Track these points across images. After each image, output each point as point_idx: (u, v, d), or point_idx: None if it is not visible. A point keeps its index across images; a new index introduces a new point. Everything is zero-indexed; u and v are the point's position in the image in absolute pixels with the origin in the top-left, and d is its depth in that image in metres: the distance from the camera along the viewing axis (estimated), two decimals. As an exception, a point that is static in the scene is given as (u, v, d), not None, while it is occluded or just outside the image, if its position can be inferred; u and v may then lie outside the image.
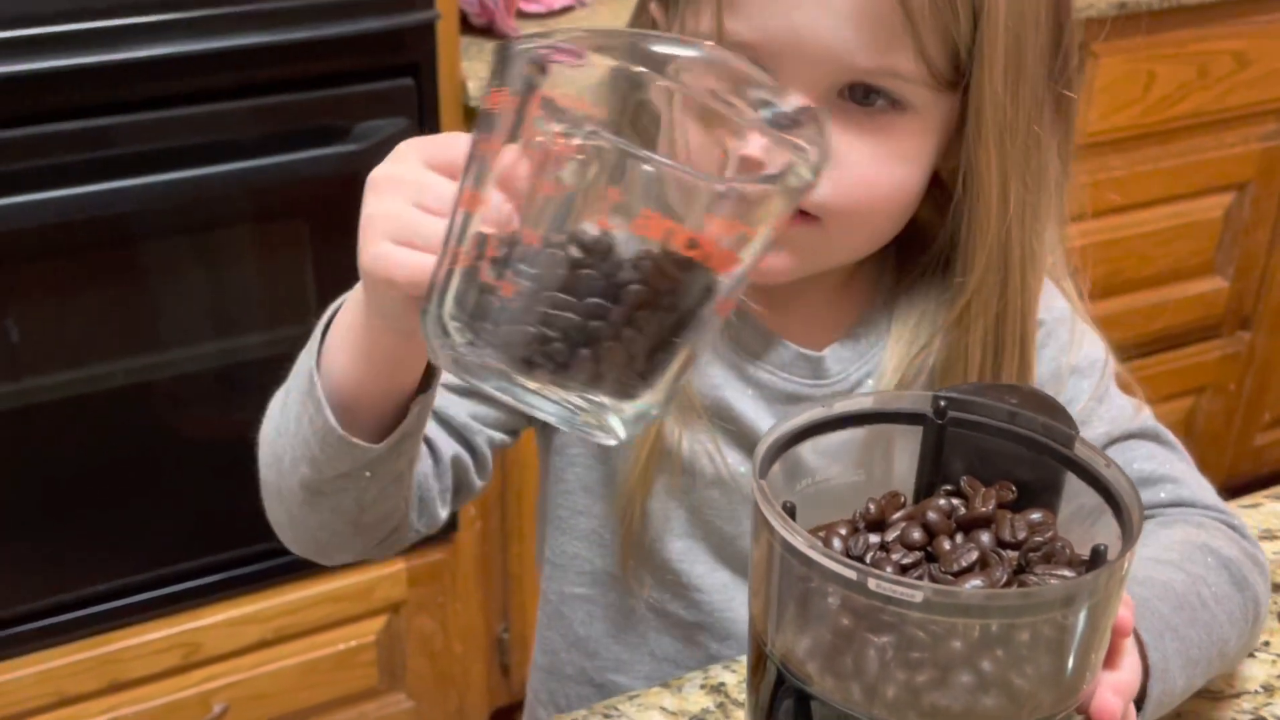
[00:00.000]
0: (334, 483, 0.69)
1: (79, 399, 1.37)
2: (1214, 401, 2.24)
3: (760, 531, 0.57)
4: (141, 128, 1.29)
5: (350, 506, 0.71)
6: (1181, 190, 2.01)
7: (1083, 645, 0.53)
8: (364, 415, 0.67)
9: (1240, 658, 0.76)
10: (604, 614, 0.88)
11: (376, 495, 0.71)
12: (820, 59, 0.69)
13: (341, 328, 0.67)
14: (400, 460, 0.70)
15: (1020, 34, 0.70)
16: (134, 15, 1.25)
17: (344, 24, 1.33)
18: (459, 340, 0.52)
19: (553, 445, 0.87)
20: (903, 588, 0.50)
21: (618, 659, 0.89)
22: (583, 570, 0.88)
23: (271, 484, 0.74)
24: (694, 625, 0.86)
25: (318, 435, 0.67)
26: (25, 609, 1.41)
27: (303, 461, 0.69)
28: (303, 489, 0.70)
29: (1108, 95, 1.85)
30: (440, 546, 1.61)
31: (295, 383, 0.70)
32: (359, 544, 0.76)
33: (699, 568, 0.85)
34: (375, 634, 1.61)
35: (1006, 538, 0.57)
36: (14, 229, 1.27)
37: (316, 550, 0.77)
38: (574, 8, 1.68)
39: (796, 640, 0.56)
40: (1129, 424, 0.82)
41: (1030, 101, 0.72)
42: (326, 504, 0.71)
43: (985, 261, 0.75)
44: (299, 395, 0.69)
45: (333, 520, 0.73)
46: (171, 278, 1.38)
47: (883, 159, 0.72)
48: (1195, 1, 1.83)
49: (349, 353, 0.66)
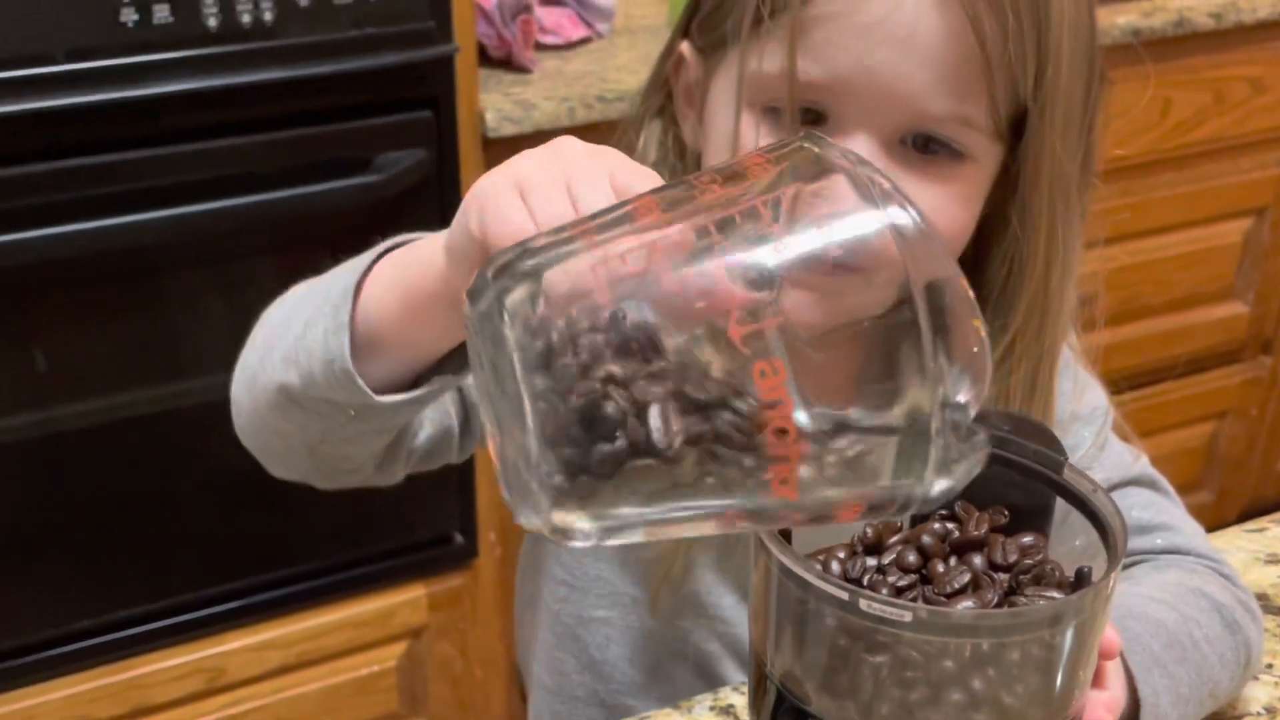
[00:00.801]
0: (315, 404, 0.67)
1: (103, 427, 1.39)
2: (1236, 427, 2.23)
3: (759, 556, 0.58)
4: (165, 161, 1.32)
5: (316, 434, 0.69)
6: (1200, 216, 2.01)
7: (1070, 664, 0.54)
8: (379, 360, 0.64)
9: (1232, 699, 0.77)
10: (622, 636, 0.89)
11: (350, 436, 0.69)
12: (893, 103, 0.68)
13: (399, 264, 0.64)
14: (392, 419, 0.67)
15: (1073, 83, 0.71)
16: (157, 52, 1.28)
17: (364, 58, 1.35)
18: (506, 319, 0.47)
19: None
20: (893, 608, 0.52)
21: (633, 682, 0.89)
22: (604, 592, 0.88)
23: (250, 368, 0.71)
24: (714, 654, 0.87)
25: (324, 354, 0.64)
26: (49, 635, 1.43)
27: (294, 368, 0.66)
28: (280, 392, 0.68)
29: (1124, 122, 1.85)
30: (461, 572, 1.62)
31: (323, 291, 0.67)
32: (306, 467, 0.74)
33: (726, 600, 0.86)
34: (396, 659, 1.62)
35: (998, 560, 0.58)
36: (41, 261, 1.30)
37: (262, 451, 0.74)
38: (591, 39, 1.70)
39: (794, 661, 0.57)
40: (1127, 471, 0.83)
41: (1075, 148, 0.73)
42: (295, 418, 0.68)
43: (1028, 305, 0.75)
44: (322, 304, 0.65)
45: (293, 434, 0.70)
46: (194, 308, 1.40)
47: (943, 205, 0.71)
48: (1210, 28, 1.83)
49: (398, 290, 0.63)
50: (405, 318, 0.63)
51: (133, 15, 1.26)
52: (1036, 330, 0.76)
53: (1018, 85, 0.70)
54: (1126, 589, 0.75)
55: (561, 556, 0.89)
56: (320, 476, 0.76)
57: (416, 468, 0.81)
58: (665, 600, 0.86)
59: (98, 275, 1.34)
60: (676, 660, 0.88)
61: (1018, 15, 0.68)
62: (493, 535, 1.63)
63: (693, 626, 0.86)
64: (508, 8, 1.58)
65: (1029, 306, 0.75)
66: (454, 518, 1.59)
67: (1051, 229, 0.73)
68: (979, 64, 0.68)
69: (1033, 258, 0.74)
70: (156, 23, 1.27)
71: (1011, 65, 0.69)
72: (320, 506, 1.54)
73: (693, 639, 0.87)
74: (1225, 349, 2.16)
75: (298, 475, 0.76)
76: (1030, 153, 0.71)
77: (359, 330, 0.64)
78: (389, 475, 0.79)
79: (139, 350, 1.39)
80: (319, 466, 0.74)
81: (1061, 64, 0.70)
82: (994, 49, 0.68)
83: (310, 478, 0.76)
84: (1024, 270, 0.75)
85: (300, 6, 1.31)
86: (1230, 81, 1.92)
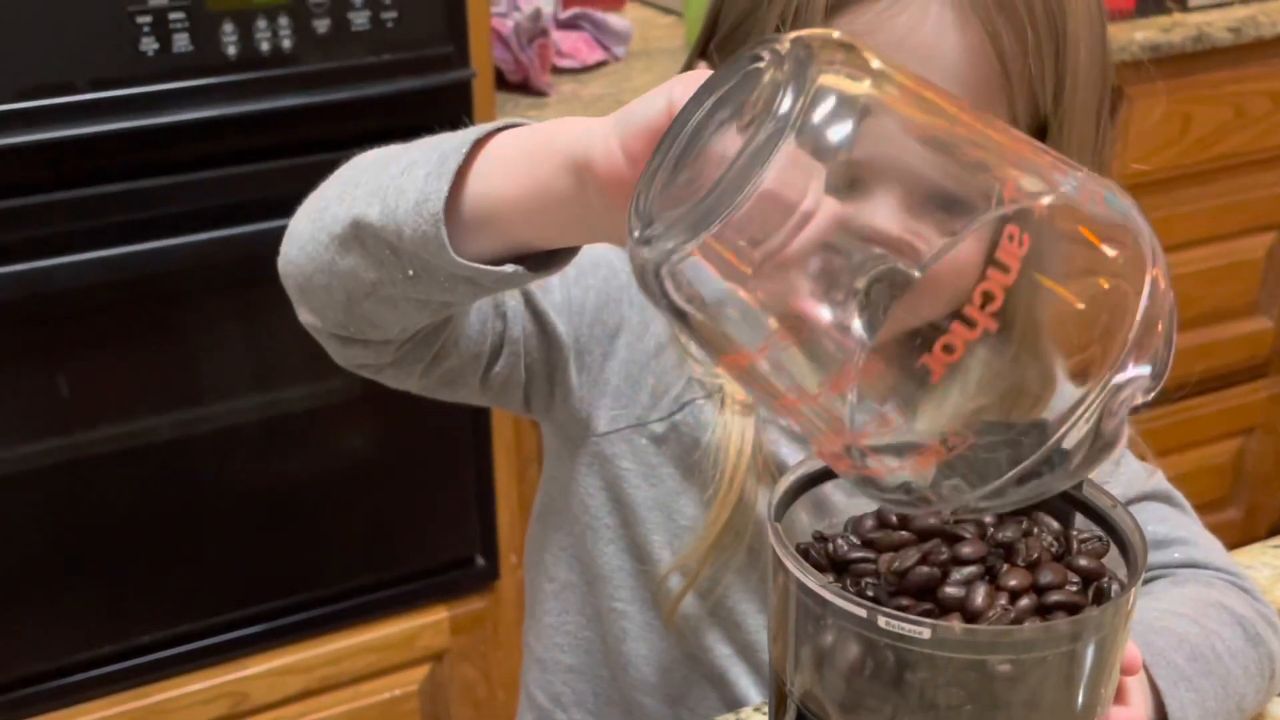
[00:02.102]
0: (381, 249, 0.65)
1: (126, 452, 1.40)
2: (1263, 443, 2.21)
3: (776, 573, 0.58)
4: (185, 188, 1.32)
5: (367, 282, 0.67)
6: (1222, 231, 2.00)
7: (1092, 680, 0.54)
8: (467, 233, 0.63)
9: (1257, 713, 0.76)
10: (640, 633, 0.88)
11: (393, 296, 0.68)
12: None
13: (522, 148, 0.63)
14: (442, 292, 0.66)
15: (1089, 99, 0.72)
16: (177, 80, 1.29)
17: (382, 84, 1.36)
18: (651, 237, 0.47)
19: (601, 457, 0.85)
20: (910, 625, 0.51)
21: (645, 680, 0.89)
22: (623, 584, 0.87)
23: (325, 198, 0.70)
24: (729, 660, 0.86)
25: (418, 195, 0.63)
26: (73, 660, 1.43)
27: (378, 202, 0.65)
28: (352, 225, 0.66)
29: (1145, 137, 1.85)
30: (482, 595, 1.62)
31: (433, 144, 0.66)
32: (335, 320, 0.72)
33: (743, 606, 0.85)
34: (419, 683, 1.62)
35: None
36: (64, 288, 1.31)
37: (300, 287, 0.72)
38: (608, 62, 1.71)
39: (814, 680, 0.57)
40: (1143, 486, 0.83)
41: (1092, 155, 0.73)
42: (354, 257, 0.67)
43: None
44: (430, 152, 0.64)
45: (343, 276, 0.68)
46: (216, 333, 1.41)
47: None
48: (1230, 43, 1.83)
49: (518, 173, 0.62)
50: (514, 201, 0.62)
51: (153, 44, 1.27)
52: None
53: (1038, 101, 0.70)
54: (1146, 604, 0.75)
55: (586, 540, 0.88)
56: (340, 342, 0.74)
57: (433, 385, 0.78)
58: (683, 609, 0.85)
59: (120, 302, 1.35)
60: (691, 667, 0.87)
61: (1036, 31, 0.68)
62: (514, 557, 1.63)
63: (713, 637, 0.86)
64: (524, 32, 1.58)
65: None
66: (475, 540, 1.59)
67: None
68: (999, 81, 0.68)
69: None
70: (176, 51, 1.28)
71: (1032, 81, 0.69)
72: (342, 530, 1.55)
73: (708, 644, 0.86)
74: (1250, 364, 2.14)
75: (324, 326, 0.73)
76: None
77: (464, 198, 0.62)
78: (405, 372, 0.76)
79: (161, 376, 1.40)
80: (348, 323, 0.72)
81: (1079, 79, 0.70)
82: (1014, 65, 0.68)
83: (333, 335, 0.74)
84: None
85: (318, 34, 1.32)
86: (1251, 96, 1.91)
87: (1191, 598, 0.75)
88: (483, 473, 1.56)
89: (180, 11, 1.27)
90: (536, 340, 0.81)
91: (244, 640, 1.50)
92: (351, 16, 1.34)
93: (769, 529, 0.58)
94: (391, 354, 0.74)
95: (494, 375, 0.81)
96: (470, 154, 0.63)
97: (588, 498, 0.86)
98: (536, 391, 0.84)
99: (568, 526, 0.89)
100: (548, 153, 0.61)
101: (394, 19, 1.35)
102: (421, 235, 0.63)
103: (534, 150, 0.62)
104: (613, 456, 0.84)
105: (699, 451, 0.81)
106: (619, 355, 0.82)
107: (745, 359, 0.50)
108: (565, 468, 0.88)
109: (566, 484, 0.88)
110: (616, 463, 0.84)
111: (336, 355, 0.76)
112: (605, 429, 0.83)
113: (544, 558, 0.92)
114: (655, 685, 0.88)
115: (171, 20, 1.27)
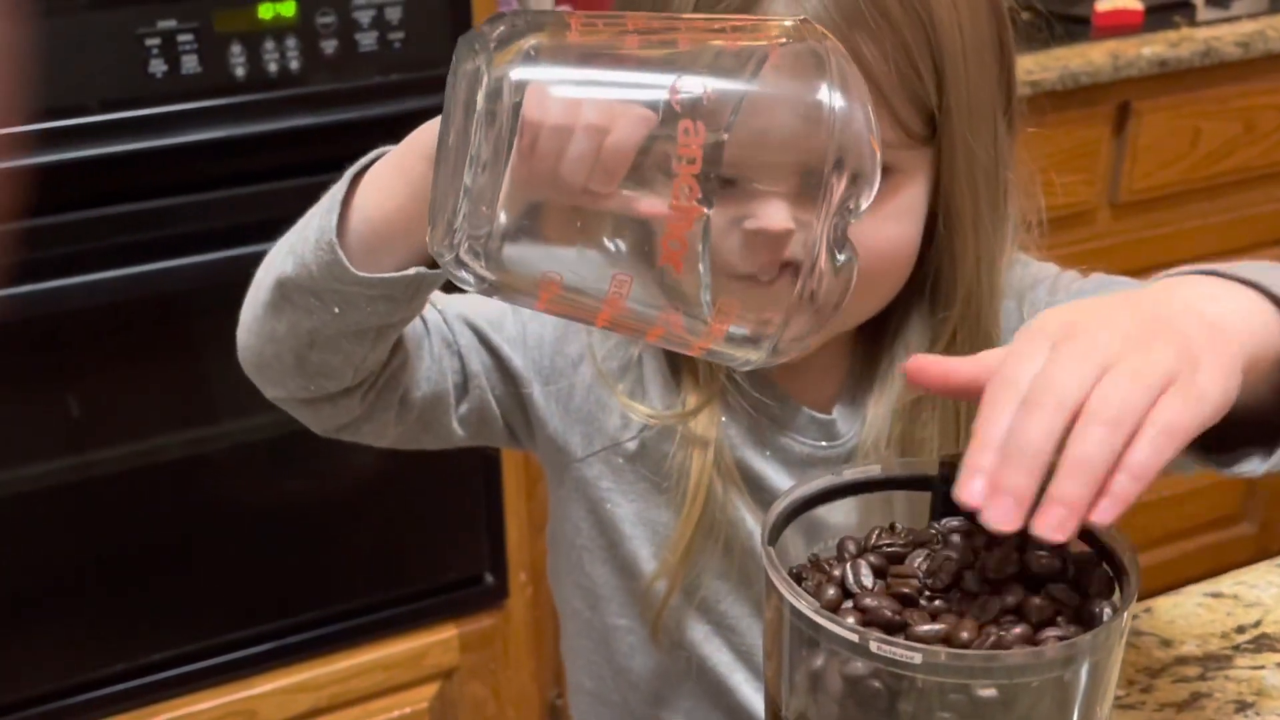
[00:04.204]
0: (304, 298, 0.71)
1: (136, 471, 1.40)
2: (1276, 457, 2.20)
3: (770, 596, 0.58)
4: (195, 209, 1.34)
5: (305, 334, 0.72)
6: (1232, 246, 1.99)
7: (1086, 703, 0.54)
8: (371, 255, 0.68)
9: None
10: (645, 646, 0.88)
11: (332, 336, 0.72)
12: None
13: (392, 161, 0.69)
14: (369, 316, 0.70)
15: (978, 83, 0.73)
16: (186, 101, 1.30)
17: (389, 104, 1.37)
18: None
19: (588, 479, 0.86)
20: (902, 650, 0.51)
21: (657, 693, 0.89)
22: (625, 601, 0.88)
23: (259, 278, 0.76)
24: (726, 666, 0.87)
25: (316, 235, 0.69)
26: (82, 679, 1.44)
27: (291, 257, 0.71)
28: (275, 288, 0.72)
29: (1153, 152, 1.85)
30: (492, 613, 1.62)
31: (326, 195, 0.72)
32: (295, 384, 0.76)
33: (735, 609, 0.85)
34: (428, 701, 1.62)
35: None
36: (74, 307, 1.32)
37: (256, 365, 0.78)
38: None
39: (808, 702, 0.57)
40: (1083, 279, 0.83)
41: (989, 138, 0.75)
42: (286, 316, 0.72)
43: (965, 296, 0.78)
44: (324, 200, 0.71)
45: (284, 338, 0.74)
46: (224, 353, 1.41)
47: (878, 222, 0.71)
48: (1238, 58, 1.83)
49: (398, 182, 0.68)
50: (398, 210, 0.68)
51: (162, 66, 1.28)
52: (975, 317, 0.78)
53: (920, 96, 0.71)
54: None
55: (582, 564, 0.89)
56: (309, 406, 0.78)
57: (411, 428, 0.82)
58: (670, 618, 0.86)
59: (130, 321, 1.36)
60: (686, 675, 0.88)
61: (898, 31, 0.69)
62: (523, 575, 1.63)
63: (704, 641, 0.86)
64: (532, 51, 1.59)
65: (966, 296, 0.78)
66: (484, 558, 1.59)
67: (977, 218, 0.76)
68: (872, 90, 0.69)
69: (964, 247, 0.77)
70: (185, 73, 1.29)
71: (909, 82, 0.70)
72: (351, 548, 1.55)
73: (706, 653, 0.86)
74: (1262, 379, 2.13)
75: (286, 394, 0.78)
76: (945, 152, 0.73)
77: (354, 224, 0.69)
78: (379, 423, 0.80)
79: (171, 395, 1.41)
80: (307, 383, 0.76)
81: (960, 60, 0.71)
82: (880, 73, 0.69)
83: (300, 402, 0.78)
84: (958, 263, 0.77)
85: (326, 55, 1.33)
86: (1260, 110, 1.91)
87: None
88: (491, 491, 1.56)
89: (188, 33, 1.28)
90: (497, 375, 0.84)
91: (253, 658, 1.50)
92: (359, 37, 1.35)
93: (763, 553, 0.58)
94: (358, 405, 0.78)
95: (466, 413, 0.84)
96: (352, 184, 0.69)
97: (580, 521, 0.88)
98: (515, 424, 0.86)
99: (566, 552, 0.90)
100: (414, 157, 0.67)
101: (401, 40, 1.36)
102: (326, 266, 0.68)
103: (401, 159, 0.68)
104: (593, 478, 0.86)
105: (668, 462, 0.82)
106: (585, 381, 0.84)
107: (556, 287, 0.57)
108: (557, 495, 0.90)
109: (560, 511, 0.90)
110: (597, 484, 0.86)
111: (312, 423, 0.81)
112: (582, 454, 0.85)
113: (556, 585, 0.94)
114: (665, 699, 0.89)
115: (180, 42, 1.28)
